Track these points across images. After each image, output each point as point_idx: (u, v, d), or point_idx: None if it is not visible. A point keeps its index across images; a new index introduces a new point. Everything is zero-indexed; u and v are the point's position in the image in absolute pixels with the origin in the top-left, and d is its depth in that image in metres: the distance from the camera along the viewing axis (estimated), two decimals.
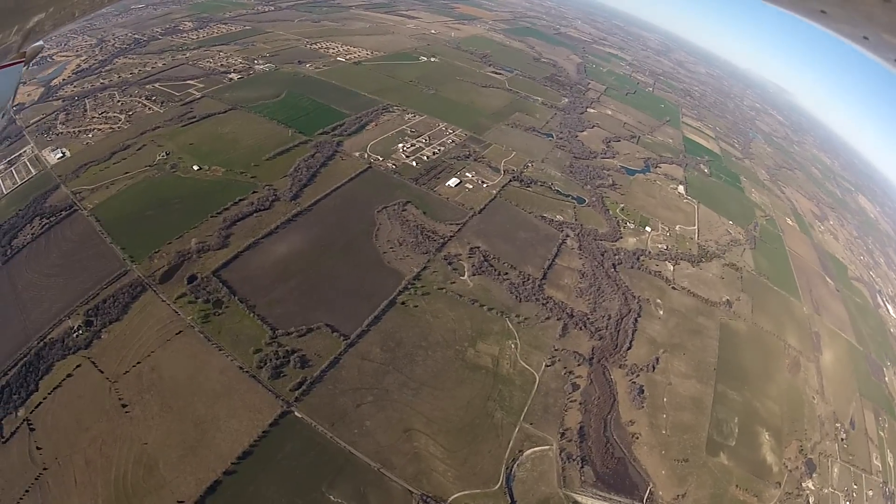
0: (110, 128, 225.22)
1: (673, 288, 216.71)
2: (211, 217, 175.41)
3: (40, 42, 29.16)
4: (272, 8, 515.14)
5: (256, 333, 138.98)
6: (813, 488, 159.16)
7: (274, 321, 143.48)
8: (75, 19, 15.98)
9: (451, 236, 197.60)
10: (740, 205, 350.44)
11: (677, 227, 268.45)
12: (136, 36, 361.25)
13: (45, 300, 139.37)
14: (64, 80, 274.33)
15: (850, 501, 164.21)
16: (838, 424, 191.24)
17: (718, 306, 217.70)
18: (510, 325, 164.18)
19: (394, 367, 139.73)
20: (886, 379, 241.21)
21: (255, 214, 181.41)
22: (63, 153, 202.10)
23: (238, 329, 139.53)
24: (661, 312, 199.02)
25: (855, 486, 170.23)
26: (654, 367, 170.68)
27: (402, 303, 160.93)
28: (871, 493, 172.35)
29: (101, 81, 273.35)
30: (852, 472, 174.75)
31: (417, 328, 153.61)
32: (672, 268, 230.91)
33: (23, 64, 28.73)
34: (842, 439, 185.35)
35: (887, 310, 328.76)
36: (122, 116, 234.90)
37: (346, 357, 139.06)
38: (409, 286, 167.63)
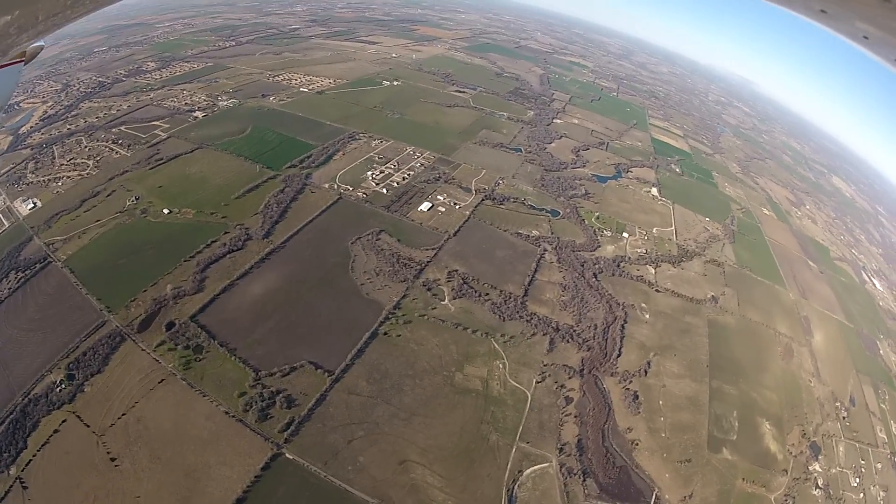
0: (79, 175, 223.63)
1: (656, 291, 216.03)
2: (184, 261, 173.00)
3: (41, 42, 30.37)
4: (233, 43, 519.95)
5: (239, 376, 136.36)
6: (820, 470, 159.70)
7: (256, 363, 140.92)
8: (74, 19, 15.23)
9: (427, 262, 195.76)
10: (715, 200, 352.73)
11: (654, 230, 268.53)
12: (100, 79, 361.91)
13: (26, 355, 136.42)
14: (32, 127, 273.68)
15: (859, 477, 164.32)
16: (838, 404, 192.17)
17: (704, 303, 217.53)
18: (496, 345, 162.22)
19: (382, 399, 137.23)
20: (881, 352, 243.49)
21: (228, 255, 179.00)
22: (34, 203, 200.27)
23: (221, 373, 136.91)
24: (648, 316, 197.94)
25: (863, 462, 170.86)
26: (646, 372, 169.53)
27: (385, 333, 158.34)
28: (879, 465, 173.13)
29: (68, 127, 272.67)
30: (858, 448, 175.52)
31: (402, 357, 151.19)
32: (653, 271, 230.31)
33: (23, 63, 29.78)
34: (843, 418, 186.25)
35: (874, 284, 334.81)
36: (91, 162, 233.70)
37: (332, 393, 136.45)
38: (390, 316, 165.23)
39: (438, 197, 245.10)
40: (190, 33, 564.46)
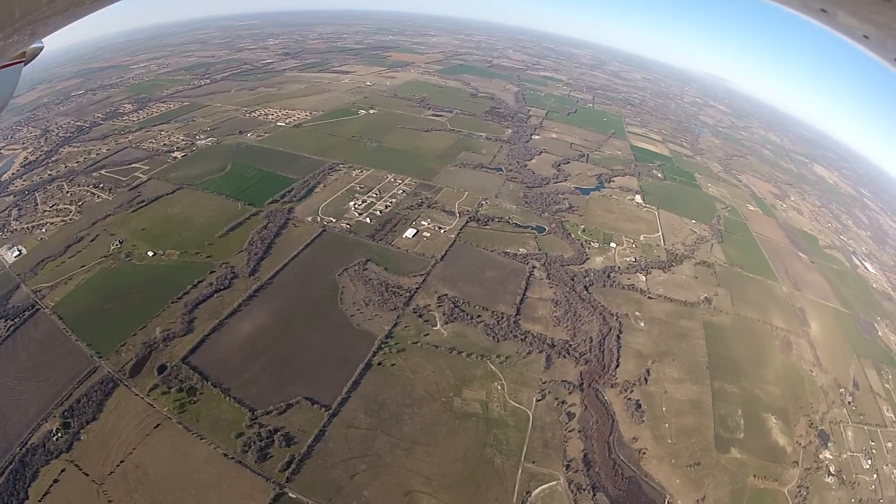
0: (62, 220, 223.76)
1: (649, 298, 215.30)
2: (172, 303, 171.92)
3: (41, 42, 29.85)
4: (208, 81, 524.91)
5: (235, 417, 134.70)
6: (831, 457, 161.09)
7: (251, 402, 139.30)
8: (77, 17, 15.06)
9: (416, 288, 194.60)
10: (700, 202, 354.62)
11: (642, 237, 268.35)
12: (78, 123, 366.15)
13: (21, 405, 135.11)
14: (13, 174, 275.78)
15: (871, 459, 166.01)
16: (842, 390, 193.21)
17: (698, 306, 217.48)
18: (492, 366, 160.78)
19: (382, 430, 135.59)
20: (880, 333, 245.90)
21: (216, 295, 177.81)
22: (20, 251, 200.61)
23: (216, 415, 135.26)
24: (642, 324, 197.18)
25: (872, 444, 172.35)
26: (646, 380, 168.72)
27: (379, 363, 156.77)
28: (889, 444, 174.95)
29: (49, 173, 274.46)
30: (867, 430, 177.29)
31: (399, 386, 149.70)
32: (644, 278, 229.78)
33: (23, 63, 29.68)
34: (849, 403, 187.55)
35: (865, 268, 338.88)
36: (73, 208, 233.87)
37: (331, 428, 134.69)
38: (383, 345, 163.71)
39: (423, 222, 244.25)
40: (165, 73, 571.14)
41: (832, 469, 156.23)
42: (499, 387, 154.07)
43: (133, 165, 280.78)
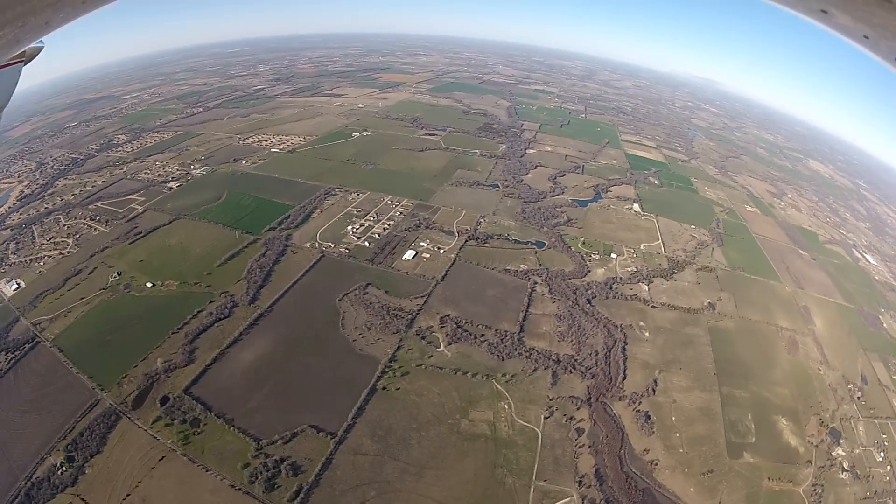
0: (60, 253, 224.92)
1: (652, 307, 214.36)
2: (172, 333, 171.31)
3: (41, 42, 29.17)
4: (200, 109, 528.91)
5: (241, 447, 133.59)
6: (844, 453, 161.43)
7: (256, 431, 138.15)
8: (76, 17, 14.53)
9: (418, 310, 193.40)
10: (698, 206, 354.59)
11: (642, 246, 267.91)
12: (72, 155, 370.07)
13: (24, 438, 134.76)
14: (10, 207, 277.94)
15: (883, 451, 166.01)
16: (850, 385, 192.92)
17: (702, 312, 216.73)
18: (498, 386, 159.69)
19: (389, 456, 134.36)
20: (885, 325, 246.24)
21: (216, 324, 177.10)
22: (18, 284, 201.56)
23: (221, 445, 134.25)
24: (647, 334, 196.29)
25: (884, 436, 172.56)
26: (653, 390, 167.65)
27: (383, 388, 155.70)
28: None
29: (46, 206, 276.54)
30: (878, 424, 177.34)
31: (405, 410, 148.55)
32: (647, 287, 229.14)
33: (23, 63, 29.12)
34: (858, 398, 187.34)
35: (867, 260, 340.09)
36: (70, 240, 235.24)
37: (337, 455, 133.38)
38: (387, 369, 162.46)
39: (421, 244, 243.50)
40: (157, 103, 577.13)
41: (846, 465, 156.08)
42: (506, 406, 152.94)
43: (129, 197, 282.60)
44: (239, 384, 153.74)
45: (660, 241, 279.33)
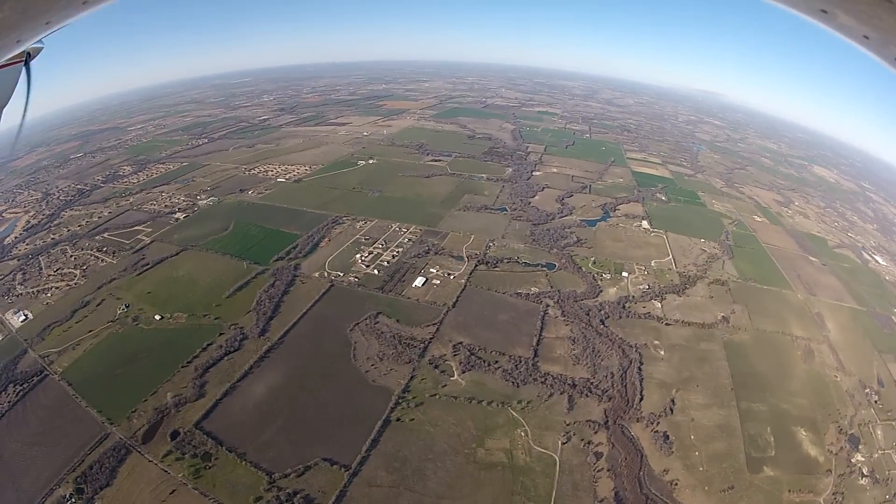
0: (67, 285, 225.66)
1: (666, 324, 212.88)
2: (182, 367, 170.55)
3: (41, 43, 30.81)
4: (205, 140, 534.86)
5: (253, 481, 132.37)
6: (863, 459, 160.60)
7: (268, 465, 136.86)
8: (76, 16, 15.38)
9: (430, 338, 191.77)
10: (706, 220, 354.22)
11: (653, 263, 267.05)
12: (78, 186, 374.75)
13: (33, 469, 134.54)
14: (16, 237, 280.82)
15: None
16: (867, 390, 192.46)
17: (716, 326, 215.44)
18: (514, 413, 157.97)
19: (405, 488, 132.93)
20: None
21: (226, 357, 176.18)
22: (26, 315, 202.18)
23: (233, 479, 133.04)
24: (663, 352, 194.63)
25: None
26: (671, 410, 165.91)
27: (398, 419, 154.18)
28: None
29: (52, 237, 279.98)
30: (895, 426, 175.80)
31: (420, 441, 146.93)
32: (660, 304, 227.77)
33: (23, 63, 30.30)
34: (875, 402, 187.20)
35: (876, 261, 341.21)
36: (77, 272, 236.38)
37: (352, 488, 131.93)
38: (401, 400, 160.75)
39: (431, 270, 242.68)
40: (162, 134, 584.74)
41: (865, 470, 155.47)
42: (522, 433, 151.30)
43: (135, 228, 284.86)
44: (250, 418, 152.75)
45: (670, 256, 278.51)
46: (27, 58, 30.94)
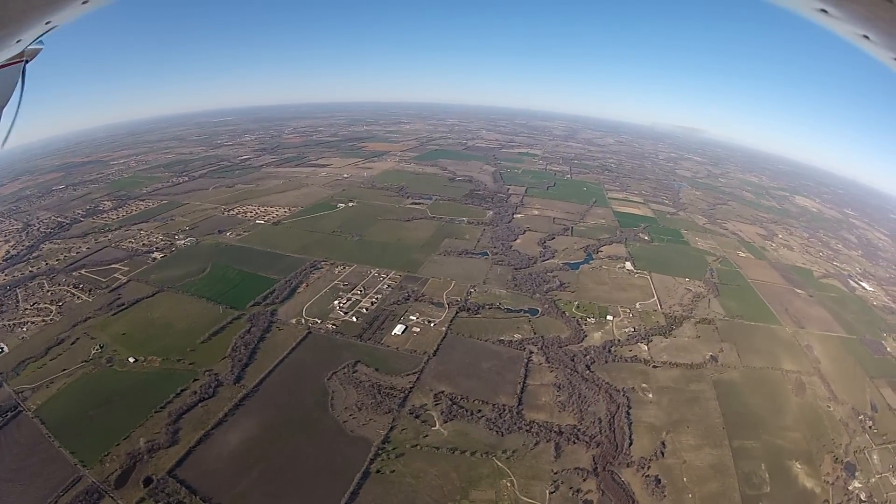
0: (43, 320, 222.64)
1: (654, 367, 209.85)
2: (156, 412, 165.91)
3: (41, 43, 29.36)
4: (186, 178, 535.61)
5: None
6: (860, 485, 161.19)
7: None
8: (76, 16, 15.63)
9: (411, 388, 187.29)
10: (690, 258, 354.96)
11: (638, 305, 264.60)
12: (59, 219, 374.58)
13: None
14: None
15: None
16: (861, 417, 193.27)
17: (705, 366, 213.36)
18: (499, 463, 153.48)
19: None
20: (889, 350, 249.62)
21: (200, 404, 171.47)
22: (1, 349, 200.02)
23: None
24: (651, 395, 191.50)
25: None
26: (662, 453, 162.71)
27: (378, 471, 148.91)
28: None
29: (30, 269, 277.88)
30: (892, 448, 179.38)
31: (401, 494, 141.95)
32: (646, 347, 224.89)
33: (23, 63, 29.64)
34: (870, 427, 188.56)
35: (863, 288, 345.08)
36: (53, 308, 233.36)
37: None
38: (380, 451, 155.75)
39: (411, 317, 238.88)
40: (144, 170, 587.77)
41: (863, 497, 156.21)
42: (508, 484, 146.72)
43: (113, 266, 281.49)
44: (225, 467, 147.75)
45: (655, 297, 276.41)
46: (27, 58, 30.11)
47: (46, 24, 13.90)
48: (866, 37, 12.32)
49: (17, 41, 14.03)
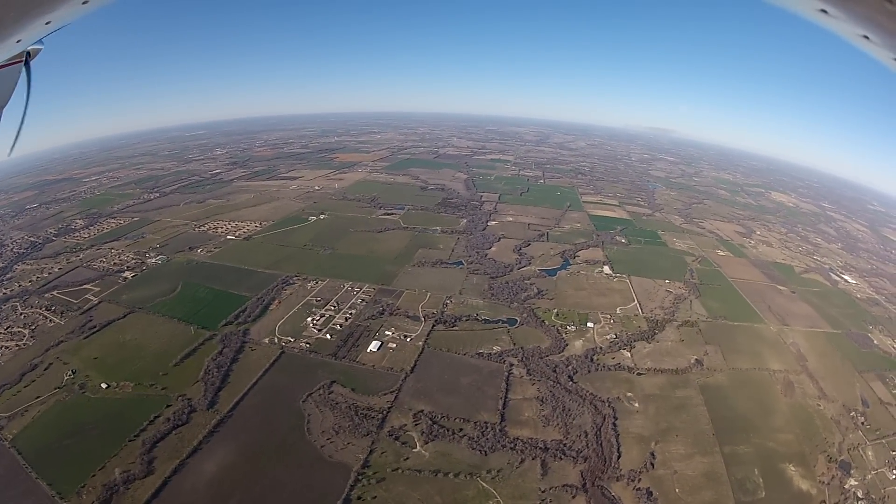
0: (16, 345, 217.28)
1: (638, 374, 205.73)
2: (130, 441, 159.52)
3: (41, 43, 30.59)
4: (157, 194, 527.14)
5: None
6: (856, 483, 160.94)
7: None
8: (76, 16, 14.38)
9: (389, 408, 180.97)
10: (669, 259, 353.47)
11: (618, 310, 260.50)
12: (31, 238, 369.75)
13: None
14: None
15: (895, 469, 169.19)
16: (853, 413, 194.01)
17: (690, 370, 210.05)
18: (484, 484, 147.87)
19: None
20: (875, 342, 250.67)
21: (174, 432, 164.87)
22: None
23: None
24: (637, 404, 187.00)
25: (894, 454, 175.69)
26: (652, 464, 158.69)
27: (359, 497, 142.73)
28: None
29: (4, 291, 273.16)
30: (885, 443, 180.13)
31: None
32: (629, 354, 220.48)
33: (23, 63, 29.51)
34: (862, 423, 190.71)
35: (846, 281, 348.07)
36: (27, 331, 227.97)
37: None
38: (360, 476, 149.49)
39: (386, 332, 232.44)
40: (116, 187, 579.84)
41: (860, 494, 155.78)
42: None
43: (84, 287, 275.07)
44: (203, 498, 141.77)
45: (636, 302, 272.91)
46: (27, 58, 30.13)
47: (46, 24, 13.25)
48: (866, 37, 11.24)
49: (17, 41, 13.51)
